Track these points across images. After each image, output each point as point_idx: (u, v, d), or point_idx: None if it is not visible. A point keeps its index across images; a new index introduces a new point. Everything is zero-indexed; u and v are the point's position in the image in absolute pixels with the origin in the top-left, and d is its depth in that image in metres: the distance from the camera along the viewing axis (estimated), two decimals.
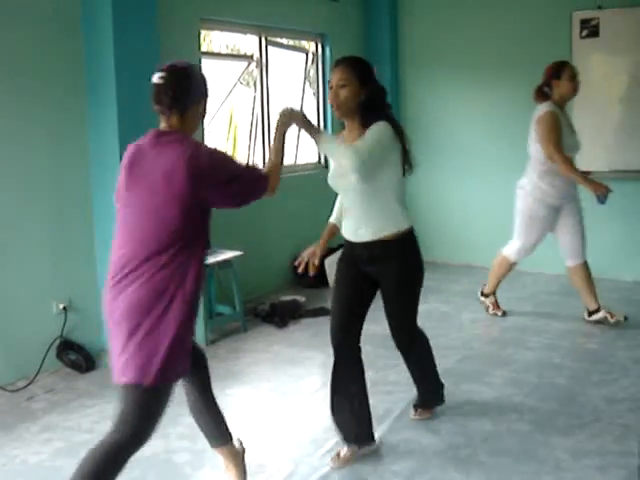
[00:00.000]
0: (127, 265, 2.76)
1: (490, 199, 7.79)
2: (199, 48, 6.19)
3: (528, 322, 5.92)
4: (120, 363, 2.74)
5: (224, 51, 7.38)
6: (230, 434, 3.37)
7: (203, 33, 6.44)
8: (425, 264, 3.80)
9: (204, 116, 3.05)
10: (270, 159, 3.15)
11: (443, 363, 4.93)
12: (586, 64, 7.02)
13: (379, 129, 3.41)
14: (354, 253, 3.71)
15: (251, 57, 6.96)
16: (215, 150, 2.88)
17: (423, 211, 8.19)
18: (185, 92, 2.86)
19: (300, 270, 3.87)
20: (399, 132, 3.55)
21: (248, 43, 7.08)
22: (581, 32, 6.96)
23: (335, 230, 3.93)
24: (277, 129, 3.19)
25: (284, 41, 7.42)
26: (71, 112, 5.04)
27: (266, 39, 6.98)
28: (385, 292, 3.73)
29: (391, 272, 3.64)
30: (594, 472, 3.47)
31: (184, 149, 2.74)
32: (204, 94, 2.97)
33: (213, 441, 3.35)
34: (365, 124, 3.46)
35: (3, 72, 4.63)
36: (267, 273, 6.97)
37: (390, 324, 3.83)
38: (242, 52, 7.32)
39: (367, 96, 3.46)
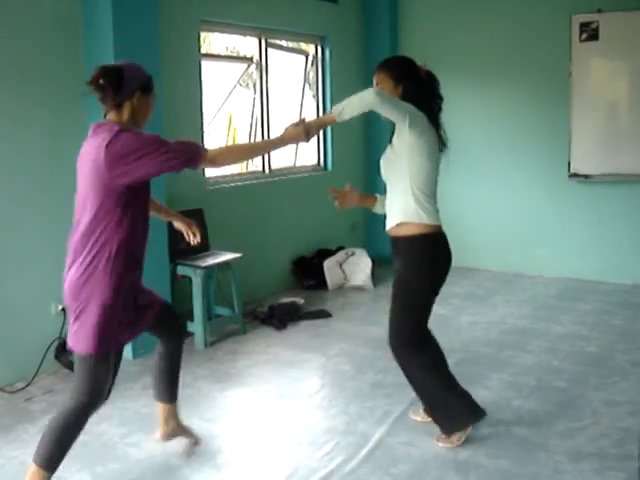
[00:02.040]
0: (71, 249, 3.19)
1: (489, 201, 7.81)
2: (199, 50, 6.19)
3: (527, 325, 5.92)
4: (70, 336, 3.19)
5: (224, 53, 7.38)
6: (175, 397, 3.78)
7: (203, 35, 6.44)
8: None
9: (147, 106, 3.28)
10: (258, 143, 3.48)
11: None
12: (585, 67, 7.05)
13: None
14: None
15: (251, 59, 6.96)
16: (135, 134, 3.09)
17: None
18: (116, 88, 3.14)
19: (334, 199, 3.91)
20: (433, 121, 3.67)
21: (248, 45, 7.09)
22: (580, 35, 6.97)
23: (373, 199, 4.03)
24: (288, 137, 3.41)
25: (284, 43, 7.43)
26: (71, 114, 5.03)
27: (266, 41, 6.98)
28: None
29: (396, 271, 3.73)
30: (593, 475, 3.47)
31: (105, 137, 3.04)
32: (137, 88, 3.20)
33: (157, 395, 3.76)
34: None
35: (4, 74, 4.63)
36: (266, 275, 6.97)
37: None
38: (242, 54, 7.32)
39: (402, 93, 3.57)
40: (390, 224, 3.72)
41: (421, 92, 3.64)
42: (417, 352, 3.78)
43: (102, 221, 3.08)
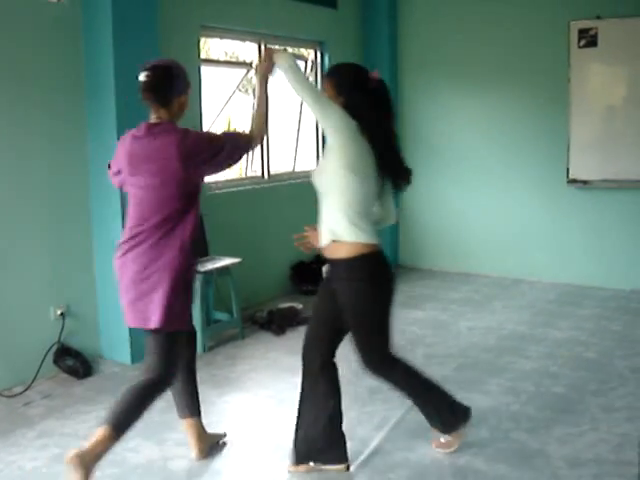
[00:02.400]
0: (136, 233, 3.32)
1: (488, 207, 7.82)
2: (199, 55, 6.20)
3: (526, 330, 5.92)
4: (143, 312, 3.35)
5: (223, 58, 7.39)
6: (199, 410, 3.77)
7: (202, 40, 6.45)
8: (423, 272, 3.75)
9: (187, 106, 3.45)
10: (254, 108, 3.51)
11: (440, 371, 4.94)
12: (584, 74, 7.06)
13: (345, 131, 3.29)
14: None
15: (250, 64, 6.98)
16: (199, 133, 3.44)
17: (421, 218, 8.22)
18: (168, 88, 3.31)
19: (299, 245, 3.81)
20: (369, 132, 3.33)
21: (247, 50, 7.10)
22: (579, 42, 6.98)
23: None
24: (259, 74, 3.47)
25: (283, 48, 7.44)
26: (70, 118, 5.04)
27: (265, 46, 6.98)
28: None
29: (339, 291, 3.44)
30: None
31: (174, 137, 3.25)
32: (185, 87, 3.40)
33: (181, 411, 3.74)
34: None
35: (3, 78, 4.63)
36: (265, 280, 6.97)
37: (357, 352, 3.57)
38: (241, 59, 7.33)
39: (344, 105, 3.29)
40: (323, 241, 3.45)
41: (366, 105, 3.35)
42: (394, 362, 3.58)
43: (177, 210, 3.30)
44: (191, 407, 3.73)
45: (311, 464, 3.61)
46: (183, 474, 3.66)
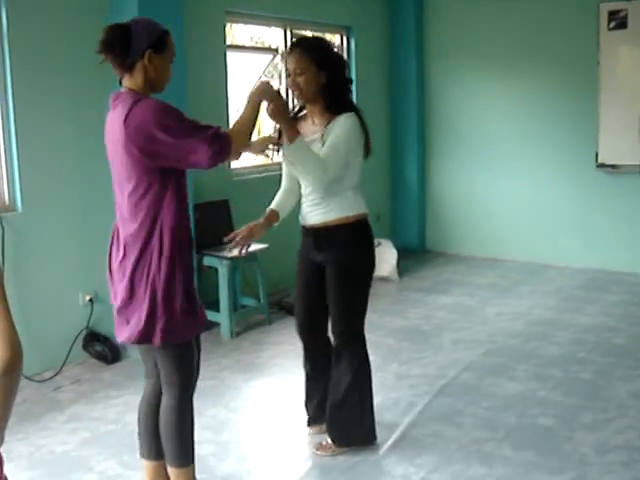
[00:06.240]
0: (122, 233, 2.88)
1: (516, 191, 7.76)
2: (224, 41, 6.20)
3: (553, 316, 5.89)
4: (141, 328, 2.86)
5: (248, 44, 7.38)
6: (162, 453, 3.14)
7: (227, 26, 6.45)
8: (450, 257, 3.76)
9: (163, 66, 2.86)
10: (237, 122, 2.96)
11: (467, 356, 4.95)
12: (613, 56, 6.96)
13: (349, 127, 3.35)
14: (304, 239, 3.70)
15: (276, 50, 6.96)
16: (157, 105, 2.74)
17: (448, 203, 8.18)
18: (124, 48, 2.77)
19: (231, 246, 3.63)
20: (363, 121, 3.44)
21: (273, 36, 7.09)
22: (609, 24, 6.88)
23: (273, 217, 3.76)
24: (251, 96, 3.00)
25: (309, 34, 7.41)
26: (99, 105, 5.06)
27: (291, 32, 6.97)
28: (328, 280, 3.56)
29: (334, 258, 3.50)
30: (620, 468, 3.45)
31: (123, 110, 2.72)
32: (148, 45, 2.79)
33: (147, 451, 3.20)
34: (330, 108, 3.40)
35: (32, 67, 4.67)
36: (292, 266, 6.89)
37: (331, 320, 3.61)
38: (267, 45, 7.32)
39: (328, 79, 3.36)
40: (317, 220, 3.54)
41: (343, 73, 3.47)
42: (363, 346, 3.61)
43: (151, 203, 2.79)
44: (160, 449, 3.14)
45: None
46: (210, 458, 3.68)
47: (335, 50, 3.54)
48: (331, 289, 3.54)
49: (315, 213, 3.54)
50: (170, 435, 3.02)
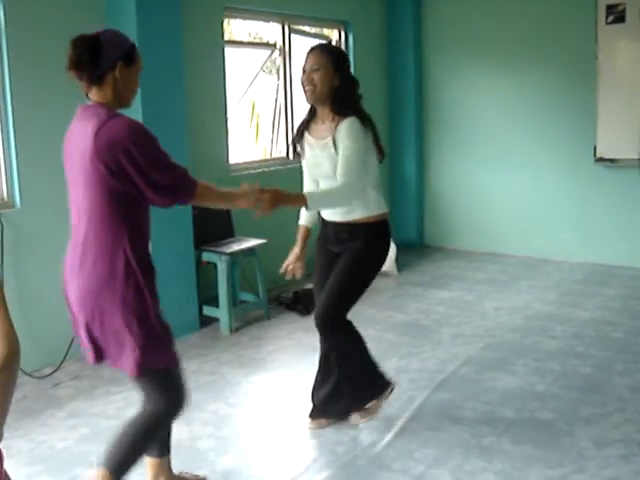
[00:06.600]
0: (79, 249, 2.71)
1: (514, 186, 7.76)
2: (222, 37, 6.19)
3: (552, 310, 5.89)
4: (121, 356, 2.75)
5: (246, 39, 7.38)
6: (168, 449, 3.22)
7: (225, 21, 6.44)
8: (448, 252, 3.80)
9: (132, 80, 2.79)
10: (214, 187, 2.91)
11: (466, 351, 4.95)
12: (612, 50, 6.96)
13: (352, 133, 3.44)
14: (324, 230, 3.80)
15: (274, 45, 6.96)
16: (132, 126, 2.63)
17: (446, 198, 8.19)
18: (94, 61, 2.67)
19: (288, 276, 3.98)
20: (368, 122, 3.55)
21: (271, 31, 7.08)
22: (607, 18, 6.87)
23: (308, 233, 4.01)
24: (244, 193, 3.06)
25: (307, 29, 7.41)
26: None
27: (289, 27, 6.97)
28: (337, 262, 3.68)
29: (350, 249, 3.63)
30: (618, 461, 3.46)
31: (94, 123, 2.60)
32: (118, 57, 2.70)
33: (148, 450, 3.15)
34: (338, 111, 3.53)
35: (33, 66, 4.67)
36: None
37: (323, 296, 3.69)
38: (265, 40, 7.32)
39: (340, 82, 3.52)
40: (341, 217, 3.65)
41: (355, 84, 3.61)
42: (349, 326, 3.75)
43: (116, 221, 2.66)
44: (158, 447, 3.16)
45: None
46: (210, 453, 3.69)
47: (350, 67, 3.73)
48: (336, 270, 3.66)
49: (338, 212, 3.65)
50: (126, 442, 2.90)
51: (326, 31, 7.74)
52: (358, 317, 5.77)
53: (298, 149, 3.79)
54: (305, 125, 3.74)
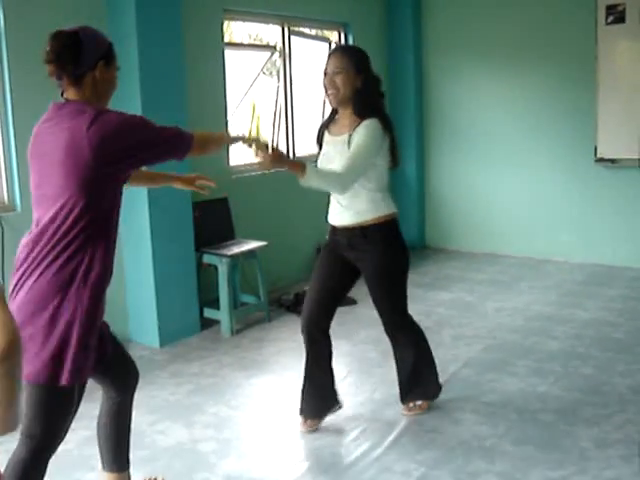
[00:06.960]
0: (31, 250, 2.54)
1: (515, 187, 7.76)
2: (222, 39, 6.20)
3: (553, 311, 5.89)
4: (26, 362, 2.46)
5: (246, 41, 7.38)
6: (127, 463, 3.12)
7: (225, 23, 6.44)
8: (449, 253, 3.81)
9: (111, 79, 2.72)
10: (212, 135, 3.04)
11: (467, 352, 4.95)
12: (611, 51, 6.96)
13: (368, 132, 3.47)
14: (335, 238, 3.79)
15: (274, 47, 6.96)
16: (121, 115, 2.57)
17: (447, 199, 8.19)
18: (74, 58, 2.59)
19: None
20: (388, 126, 3.57)
21: (271, 33, 7.08)
22: (606, 18, 6.87)
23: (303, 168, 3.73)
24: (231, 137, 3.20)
25: (307, 31, 7.41)
26: None
27: (289, 29, 6.97)
28: (367, 279, 3.78)
29: (369, 258, 3.69)
30: (619, 462, 3.46)
31: (84, 119, 2.48)
32: (99, 57, 2.63)
33: (106, 464, 3.11)
34: (359, 113, 3.54)
35: (32, 68, 4.66)
36: (291, 263, 6.98)
37: (378, 311, 3.86)
38: (265, 42, 7.32)
39: (363, 84, 3.54)
40: (351, 221, 3.68)
41: (377, 85, 3.66)
42: (412, 324, 3.96)
43: (82, 222, 2.53)
44: (118, 461, 3.09)
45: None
46: (211, 456, 3.69)
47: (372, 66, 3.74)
48: (372, 288, 3.78)
49: (347, 215, 3.68)
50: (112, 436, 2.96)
51: (326, 33, 7.74)
52: (360, 317, 5.79)
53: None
54: (325, 126, 3.78)
